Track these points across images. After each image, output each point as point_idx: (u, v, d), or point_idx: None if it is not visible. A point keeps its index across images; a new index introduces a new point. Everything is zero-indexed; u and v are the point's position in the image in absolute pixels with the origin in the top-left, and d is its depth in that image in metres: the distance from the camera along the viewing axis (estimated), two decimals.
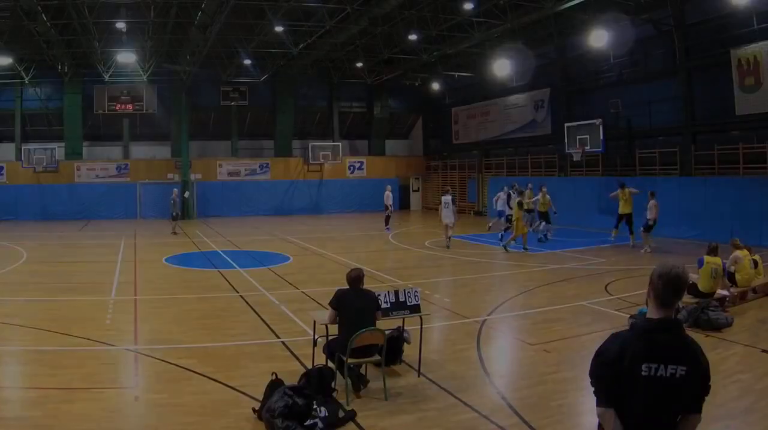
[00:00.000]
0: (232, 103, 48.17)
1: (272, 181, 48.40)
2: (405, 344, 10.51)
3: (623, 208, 25.30)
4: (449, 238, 26.46)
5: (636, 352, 3.87)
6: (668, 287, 3.93)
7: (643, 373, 3.85)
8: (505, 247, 25.30)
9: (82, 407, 8.68)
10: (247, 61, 42.03)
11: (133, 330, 13.20)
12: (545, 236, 27.90)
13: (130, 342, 12.23)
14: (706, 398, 4.02)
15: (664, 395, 3.87)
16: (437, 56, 38.63)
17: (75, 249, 27.53)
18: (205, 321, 14.07)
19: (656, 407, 3.88)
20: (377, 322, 9.39)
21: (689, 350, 3.94)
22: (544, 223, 28.28)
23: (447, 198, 26.38)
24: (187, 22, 32.86)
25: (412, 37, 34.94)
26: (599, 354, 4.04)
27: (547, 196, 28.61)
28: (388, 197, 34.05)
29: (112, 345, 11.94)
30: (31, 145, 44.57)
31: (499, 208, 30.39)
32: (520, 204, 25.31)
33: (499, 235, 27.24)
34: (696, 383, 3.92)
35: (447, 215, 26.06)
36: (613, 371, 3.90)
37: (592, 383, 4.06)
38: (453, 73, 44.99)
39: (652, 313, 4.00)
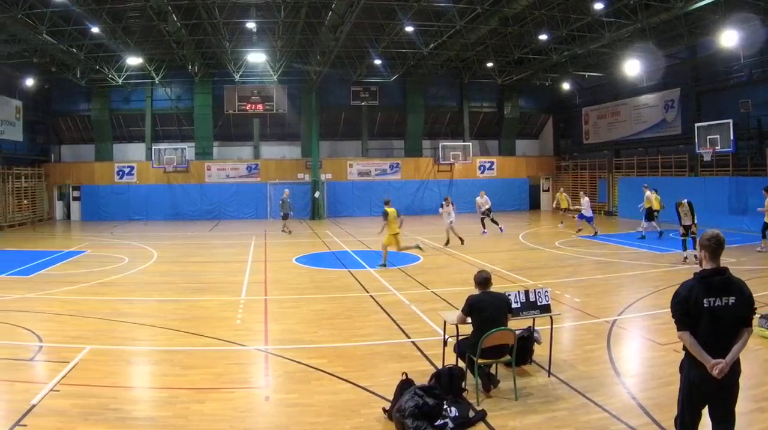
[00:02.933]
0: (363, 103, 49.09)
1: (403, 181, 48.94)
2: (535, 344, 10.66)
3: None
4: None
5: (698, 292, 5.91)
6: (716, 246, 6.05)
7: (705, 305, 5.87)
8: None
9: (213, 407, 9.12)
10: (378, 61, 42.67)
11: (263, 330, 13.69)
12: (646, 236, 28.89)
13: (261, 342, 12.70)
14: None
15: (721, 318, 5.87)
16: (567, 56, 38.49)
17: (205, 249, 28.59)
18: (335, 321, 14.44)
19: (717, 325, 5.87)
20: (508, 322, 9.48)
21: (735, 286, 5.98)
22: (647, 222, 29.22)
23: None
24: (318, 22, 33.84)
25: (543, 37, 35.13)
26: (675, 296, 6.05)
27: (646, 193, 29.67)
28: (486, 202, 33.61)
29: (243, 345, 12.46)
30: (162, 145, 46.95)
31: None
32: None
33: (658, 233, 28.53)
34: (743, 306, 5.94)
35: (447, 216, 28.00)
36: (686, 306, 5.92)
37: (673, 316, 6.05)
38: (583, 73, 44.54)
39: (706, 265, 6.07)
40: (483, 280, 9.61)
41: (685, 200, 22.32)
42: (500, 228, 32.58)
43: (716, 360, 5.79)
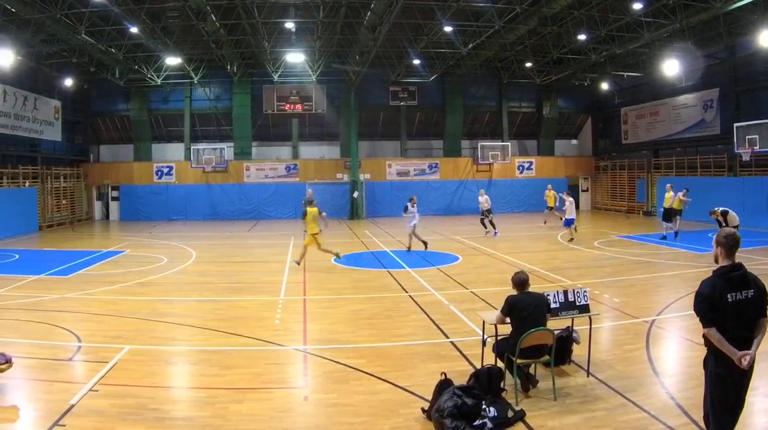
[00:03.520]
0: (402, 103, 49.18)
1: (441, 181, 48.95)
2: (574, 344, 10.69)
3: None
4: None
5: (721, 288, 6.21)
6: (733, 243, 6.39)
7: (729, 300, 6.17)
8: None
9: (251, 407, 9.19)
10: (417, 61, 42.68)
11: (302, 330, 13.75)
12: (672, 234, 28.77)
13: (299, 342, 12.76)
14: None
15: (744, 309, 6.20)
16: (606, 56, 38.40)
17: (244, 249, 28.78)
18: (374, 321, 14.49)
19: (740, 318, 6.19)
20: (547, 322, 9.51)
21: (751, 279, 6.34)
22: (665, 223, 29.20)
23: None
24: (356, 22, 33.98)
25: (581, 37, 35.16)
26: (699, 295, 6.33)
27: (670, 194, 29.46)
28: (487, 201, 33.17)
29: (281, 345, 12.53)
30: (200, 145, 47.41)
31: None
32: None
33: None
34: (760, 297, 6.30)
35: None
36: (711, 303, 6.19)
37: (698, 314, 6.34)
38: (622, 73, 44.43)
39: (723, 261, 6.41)
40: (520, 281, 9.68)
41: (719, 209, 22.26)
42: (495, 233, 32.29)
43: (743, 352, 6.09)
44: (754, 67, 35.69)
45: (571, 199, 30.32)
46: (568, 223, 29.74)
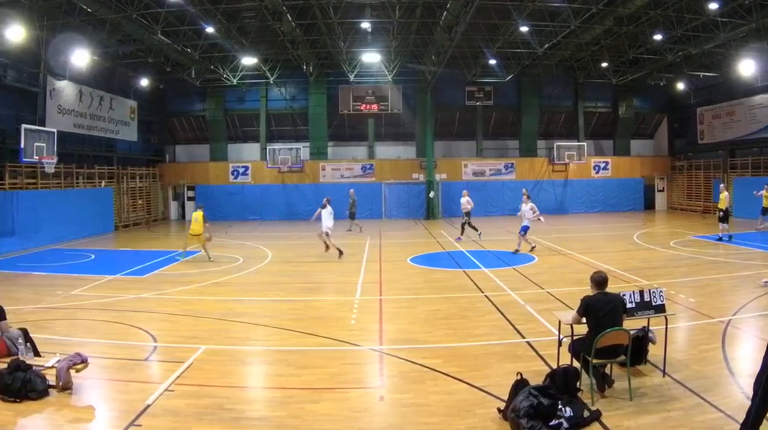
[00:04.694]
0: (477, 103, 49.31)
1: (517, 181, 48.59)
2: (650, 344, 10.64)
3: None
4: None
5: None
6: None
7: None
8: None
9: (327, 407, 9.31)
10: (492, 61, 42.74)
11: (378, 330, 13.87)
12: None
13: (375, 342, 12.87)
14: None
15: None
16: (682, 56, 38.22)
17: (319, 249, 28.94)
18: (450, 321, 14.54)
19: None
20: (623, 322, 9.56)
21: None
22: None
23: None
24: (432, 22, 34.20)
25: (657, 37, 34.99)
26: None
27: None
28: (469, 202, 32.56)
29: (357, 345, 12.65)
30: (276, 145, 48.14)
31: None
32: None
33: None
34: None
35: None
36: None
37: None
38: (698, 72, 44.11)
39: None
40: (601, 280, 9.75)
41: None
42: (459, 238, 31.75)
43: None
44: None
45: (531, 203, 27.01)
46: (521, 228, 26.42)
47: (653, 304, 10.21)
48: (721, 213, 28.68)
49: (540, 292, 17.58)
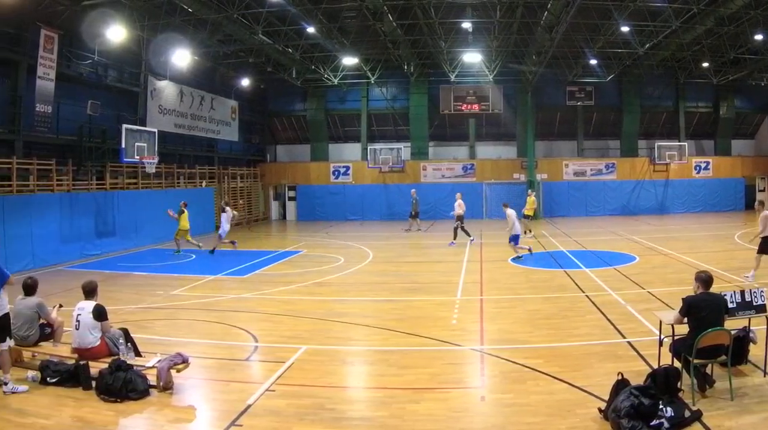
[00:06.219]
0: (578, 103, 48.94)
1: (618, 181, 48.23)
2: (751, 344, 10.50)
3: None
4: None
5: None
6: None
7: None
8: None
9: (428, 407, 9.42)
10: (593, 61, 42.49)
11: (479, 330, 13.94)
12: None
13: (476, 342, 12.96)
14: None
15: None
16: None
17: (419, 249, 29.20)
18: (550, 321, 14.56)
19: None
20: (724, 322, 9.52)
21: None
22: None
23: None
24: (533, 22, 34.12)
25: (758, 37, 34.35)
26: None
27: None
28: (461, 206, 31.65)
29: (458, 345, 12.75)
30: (377, 145, 48.52)
31: None
32: None
33: None
34: None
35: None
36: None
37: None
38: None
39: None
40: (707, 279, 9.76)
41: None
42: (451, 242, 30.58)
43: None
44: None
45: (511, 210, 25.69)
46: (514, 239, 25.20)
47: (754, 304, 10.13)
48: None
49: (641, 292, 17.43)
